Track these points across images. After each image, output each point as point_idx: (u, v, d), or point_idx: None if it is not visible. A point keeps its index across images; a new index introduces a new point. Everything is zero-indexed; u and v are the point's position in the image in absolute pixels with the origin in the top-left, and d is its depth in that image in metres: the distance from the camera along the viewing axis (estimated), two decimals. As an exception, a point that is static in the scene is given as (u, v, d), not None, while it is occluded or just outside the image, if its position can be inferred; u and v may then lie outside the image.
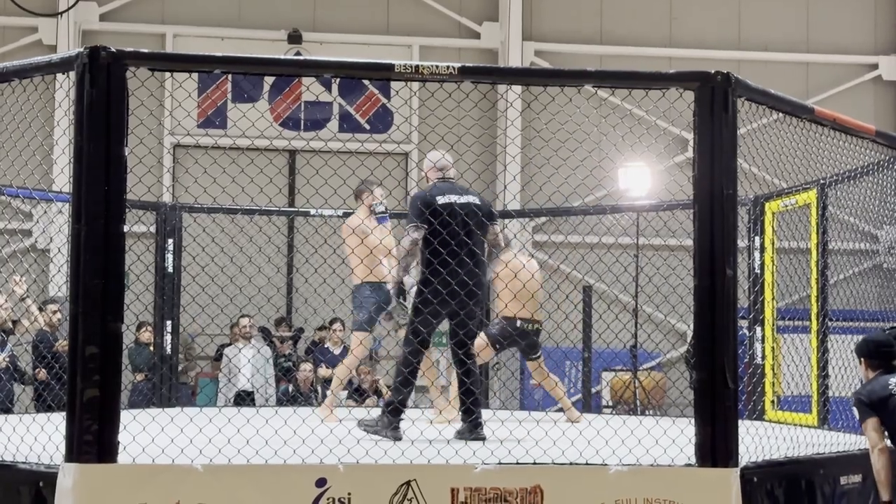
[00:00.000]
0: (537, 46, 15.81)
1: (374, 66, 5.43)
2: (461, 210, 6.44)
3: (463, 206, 6.48)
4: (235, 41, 15.14)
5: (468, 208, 6.47)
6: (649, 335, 13.51)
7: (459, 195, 6.57)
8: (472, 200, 6.56)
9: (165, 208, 9.47)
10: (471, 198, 6.58)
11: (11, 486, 4.70)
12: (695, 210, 4.95)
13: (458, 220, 6.37)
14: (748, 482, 4.89)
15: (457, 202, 6.50)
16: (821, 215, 7.64)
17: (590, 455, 4.94)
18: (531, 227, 15.36)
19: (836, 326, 7.65)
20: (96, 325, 4.54)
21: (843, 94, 15.97)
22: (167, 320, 9.38)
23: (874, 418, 5.50)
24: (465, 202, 6.52)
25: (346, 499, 4.55)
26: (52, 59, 4.96)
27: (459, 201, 6.52)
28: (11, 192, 8.19)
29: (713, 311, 4.87)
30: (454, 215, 6.39)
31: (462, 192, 6.62)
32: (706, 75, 4.97)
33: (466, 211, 6.45)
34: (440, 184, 6.65)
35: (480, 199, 6.64)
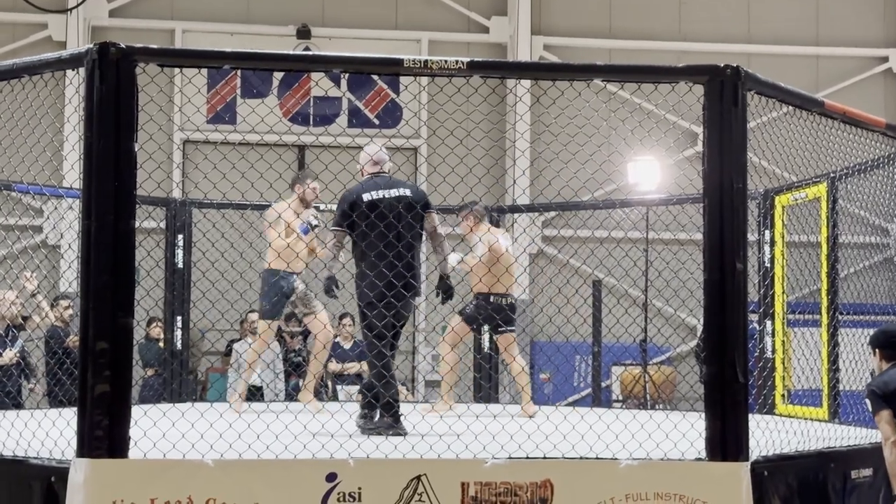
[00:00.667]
0: (546, 41, 15.80)
1: (382, 61, 5.42)
2: (393, 203, 6.46)
3: (394, 200, 6.49)
4: (244, 37, 15.16)
5: (400, 201, 6.48)
6: (659, 329, 13.49)
7: (390, 189, 6.56)
8: (405, 193, 6.56)
9: (175, 204, 9.49)
10: (403, 190, 6.58)
11: (23, 480, 4.72)
12: (704, 204, 4.94)
13: (389, 214, 6.37)
14: (759, 476, 4.88)
15: (387, 196, 6.51)
16: (831, 209, 7.63)
17: (600, 449, 4.93)
18: (540, 221, 15.35)
19: (847, 320, 7.64)
20: (107, 321, 4.55)
21: (853, 88, 15.94)
22: (177, 316, 9.40)
23: (887, 410, 5.49)
24: (396, 195, 6.53)
25: (356, 493, 4.55)
26: (61, 56, 4.97)
27: (389, 195, 6.52)
28: (22, 188, 8.21)
29: (723, 306, 4.86)
30: (384, 210, 6.41)
31: (395, 185, 6.62)
32: (716, 69, 4.95)
33: (398, 204, 6.46)
34: (372, 179, 6.66)
35: (415, 190, 6.65)
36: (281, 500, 4.52)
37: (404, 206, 6.48)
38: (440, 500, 4.58)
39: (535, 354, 13.69)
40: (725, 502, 4.71)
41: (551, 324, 10.33)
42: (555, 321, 9.75)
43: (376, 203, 6.48)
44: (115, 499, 4.43)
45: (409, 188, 6.65)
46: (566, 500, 4.64)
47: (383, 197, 6.50)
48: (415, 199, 6.56)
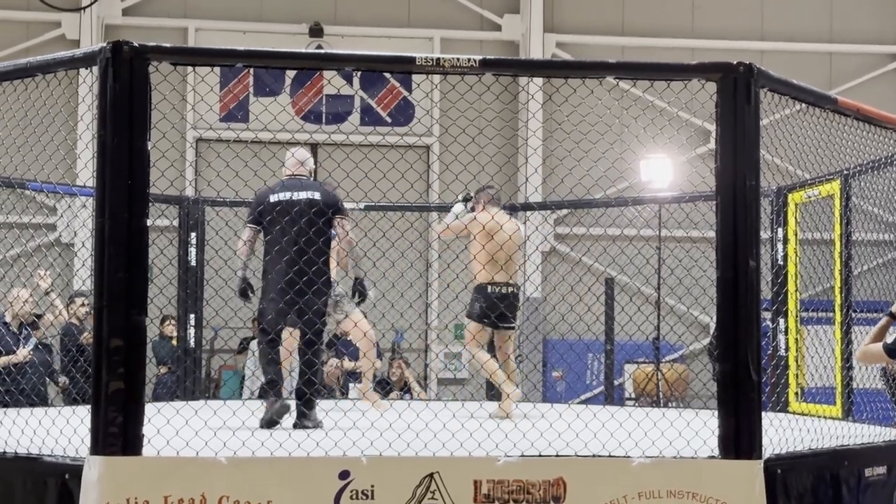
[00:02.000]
0: (559, 38, 15.78)
1: (395, 59, 5.43)
2: (296, 205, 6.53)
3: (299, 202, 6.56)
4: (257, 35, 15.18)
5: (305, 203, 6.54)
6: (672, 327, 13.48)
7: (298, 191, 6.64)
8: (312, 196, 6.62)
9: (188, 202, 9.51)
10: (312, 194, 6.64)
11: (38, 478, 4.74)
12: (717, 201, 4.93)
13: (292, 216, 6.45)
14: (772, 474, 4.87)
15: (293, 198, 6.60)
16: (844, 206, 7.60)
17: (613, 447, 4.93)
18: (553, 219, 15.34)
19: (860, 318, 7.61)
20: (120, 319, 4.56)
21: (866, 84, 15.89)
22: (190, 314, 9.42)
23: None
24: (302, 198, 6.60)
25: (369, 491, 4.56)
26: (75, 54, 4.99)
27: (296, 197, 6.60)
28: (36, 186, 8.23)
29: (736, 303, 4.85)
30: (286, 211, 6.51)
31: (305, 188, 6.68)
32: (729, 66, 4.94)
33: (302, 206, 6.52)
34: (285, 181, 6.77)
35: (326, 194, 6.66)
36: (294, 498, 4.53)
37: (308, 209, 6.54)
38: (453, 498, 4.59)
39: (547, 352, 13.69)
40: (739, 500, 4.70)
41: (564, 322, 10.35)
42: (567, 319, 9.76)
43: (279, 204, 6.61)
44: (128, 496, 4.45)
45: (320, 192, 6.69)
46: (579, 498, 4.64)
47: (290, 198, 6.61)
48: (323, 203, 6.60)
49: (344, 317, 8.34)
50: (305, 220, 6.49)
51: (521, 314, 8.39)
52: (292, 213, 6.52)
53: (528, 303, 13.46)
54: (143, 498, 4.45)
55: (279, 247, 6.52)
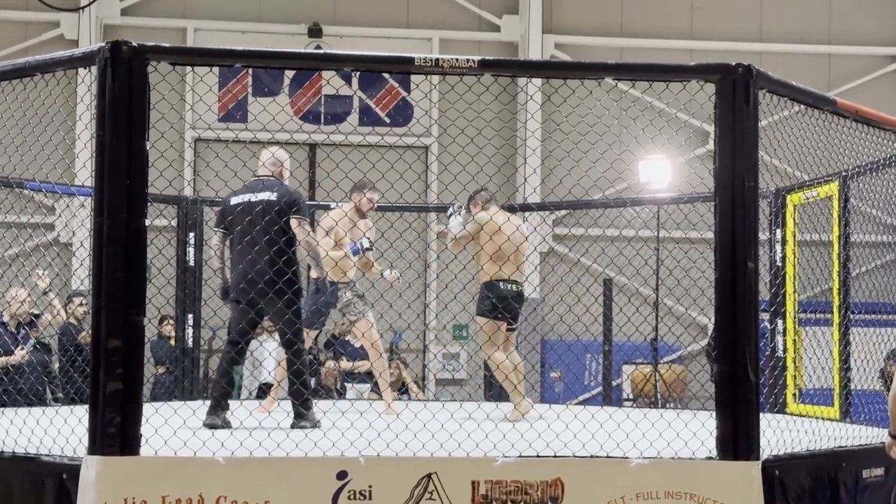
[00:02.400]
0: (557, 39, 15.79)
1: (393, 59, 5.43)
2: (255, 206, 6.55)
3: (258, 203, 6.57)
4: (256, 35, 15.19)
5: (262, 204, 6.55)
6: (670, 328, 13.49)
7: (257, 192, 6.66)
8: (268, 197, 6.61)
9: (187, 202, 9.50)
10: (269, 194, 6.63)
11: (36, 478, 4.74)
12: (716, 203, 4.93)
13: (247, 217, 6.49)
14: (770, 475, 4.88)
15: (252, 199, 6.62)
16: (843, 207, 7.61)
17: (610, 448, 4.93)
18: (551, 220, 15.35)
19: (859, 319, 7.62)
20: (119, 319, 4.56)
21: (865, 86, 15.90)
22: (189, 314, 9.42)
23: None
24: (258, 199, 6.61)
25: (366, 491, 4.56)
26: (73, 54, 4.98)
27: (254, 199, 6.62)
28: (34, 186, 8.23)
29: (734, 304, 4.86)
30: (244, 213, 6.55)
31: (264, 188, 6.68)
32: (727, 67, 4.95)
33: (260, 207, 6.54)
34: (248, 183, 6.80)
35: (282, 194, 6.63)
36: (291, 498, 4.53)
37: (263, 209, 6.55)
38: (451, 499, 4.59)
39: (545, 353, 13.69)
40: (736, 501, 4.70)
41: (562, 322, 10.35)
42: (565, 319, 9.76)
43: (239, 206, 6.66)
44: (126, 496, 4.45)
45: (277, 192, 6.66)
46: (577, 499, 4.64)
47: (249, 200, 6.64)
48: (280, 203, 6.59)
49: (357, 318, 8.31)
50: (263, 220, 6.50)
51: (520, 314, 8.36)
52: (251, 215, 6.53)
53: (527, 303, 13.46)
54: (141, 498, 4.45)
55: (239, 248, 6.58)
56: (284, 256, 6.37)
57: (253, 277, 6.43)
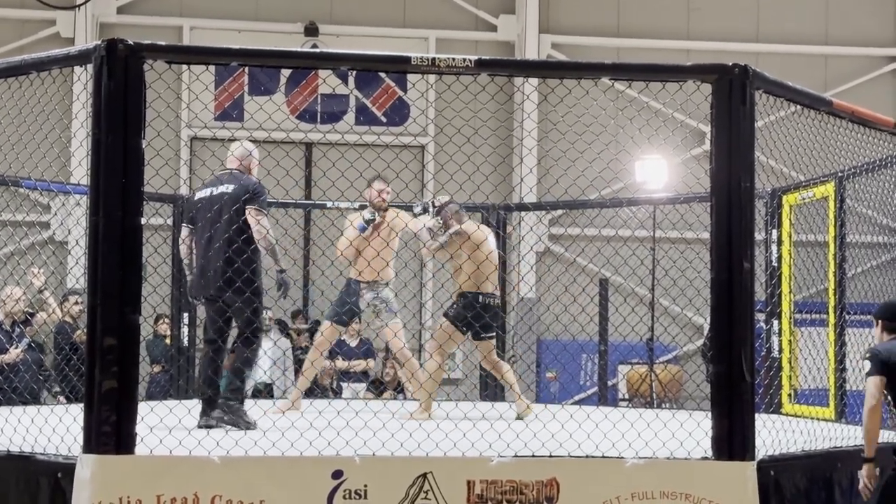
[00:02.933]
0: (554, 39, 15.78)
1: (390, 58, 5.43)
2: (214, 200, 6.55)
3: (216, 197, 6.57)
4: (252, 34, 15.17)
5: (219, 197, 6.55)
6: (666, 328, 13.48)
7: (217, 186, 6.66)
8: (226, 190, 6.59)
9: (182, 201, 9.48)
10: (227, 187, 6.61)
11: (31, 476, 4.73)
12: (712, 203, 4.94)
13: (208, 210, 6.50)
14: (765, 476, 4.88)
15: (212, 193, 6.63)
16: (839, 208, 7.61)
17: (606, 448, 4.93)
18: (547, 220, 15.35)
19: (854, 320, 7.63)
20: (114, 317, 4.56)
21: (861, 87, 15.90)
22: (184, 312, 9.41)
23: (882, 377, 5.50)
24: (217, 193, 6.61)
25: (362, 491, 4.56)
26: (69, 52, 4.98)
27: (215, 192, 6.62)
28: (30, 184, 8.22)
29: (730, 305, 4.86)
30: (205, 207, 6.56)
31: (224, 182, 6.68)
32: (724, 68, 4.95)
33: (217, 200, 6.54)
34: (211, 178, 6.82)
35: (239, 187, 6.58)
36: (287, 498, 4.53)
37: (221, 203, 6.52)
38: (446, 498, 4.59)
39: (541, 352, 13.69)
40: (731, 501, 4.71)
41: (558, 322, 10.34)
42: (561, 320, 9.74)
43: (200, 201, 6.67)
44: (121, 495, 4.44)
45: (235, 184, 6.62)
46: (572, 499, 4.64)
47: (210, 194, 6.63)
48: (236, 196, 6.54)
49: (382, 326, 8.32)
50: (221, 214, 6.48)
51: (512, 317, 8.39)
52: (211, 209, 6.52)
53: (522, 303, 13.47)
54: (136, 497, 4.45)
55: (196, 241, 6.60)
56: (240, 251, 6.29)
57: (212, 274, 6.42)
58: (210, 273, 6.44)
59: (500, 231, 9.68)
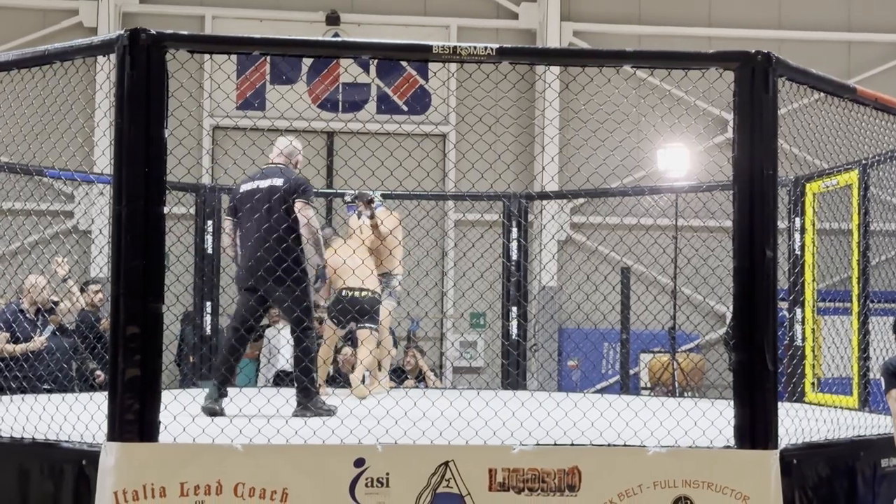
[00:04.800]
0: (576, 27, 15.73)
1: (412, 47, 5.42)
2: (259, 193, 6.64)
3: (262, 190, 6.65)
4: (273, 23, 15.18)
5: (267, 191, 6.63)
6: (688, 317, 13.45)
7: (263, 179, 6.75)
8: (274, 183, 6.67)
9: (205, 190, 9.52)
10: (274, 181, 6.69)
11: (55, 464, 4.76)
12: (734, 191, 4.92)
13: (255, 204, 6.58)
14: (788, 464, 4.87)
15: (258, 186, 6.71)
16: (862, 196, 7.57)
17: (628, 436, 4.93)
18: (569, 208, 15.32)
19: (878, 308, 7.59)
20: (137, 306, 4.58)
21: (885, 74, 15.79)
22: (207, 301, 9.45)
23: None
24: (265, 185, 6.69)
25: (384, 479, 4.57)
26: (92, 42, 5.00)
27: (262, 185, 6.70)
28: (54, 173, 8.25)
29: (753, 293, 4.84)
30: (250, 199, 6.65)
31: (269, 175, 6.76)
32: (746, 55, 4.92)
33: (264, 193, 6.62)
34: (257, 171, 6.89)
35: (287, 181, 6.68)
36: (309, 486, 4.55)
37: (267, 195, 6.61)
38: (468, 486, 4.60)
39: (563, 341, 13.68)
40: (754, 490, 4.70)
41: (579, 311, 10.33)
42: (583, 308, 9.74)
43: (246, 193, 6.75)
44: (144, 482, 4.47)
45: (282, 178, 6.72)
46: (594, 487, 4.64)
47: (256, 187, 6.71)
48: (283, 189, 6.64)
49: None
50: (265, 207, 6.54)
51: (534, 305, 8.47)
52: (256, 201, 6.60)
53: (544, 291, 13.46)
54: (160, 484, 4.48)
55: (242, 234, 6.66)
56: (284, 243, 6.39)
57: (253, 264, 6.49)
58: (252, 264, 6.53)
59: (523, 220, 9.68)
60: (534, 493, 4.63)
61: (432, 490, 4.59)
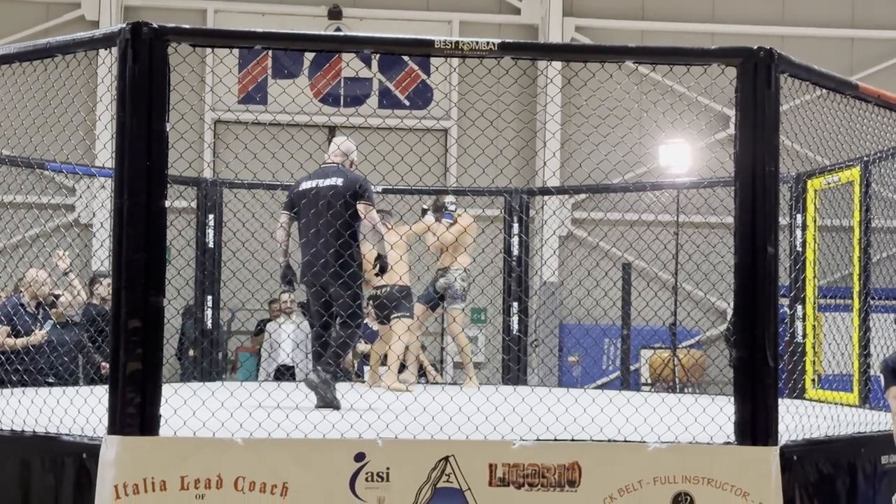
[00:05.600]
0: (578, 22, 15.72)
1: (414, 42, 5.42)
2: (318, 192, 6.79)
3: (321, 189, 6.80)
4: (275, 17, 15.17)
5: (325, 190, 6.78)
6: (689, 313, 13.45)
7: (324, 178, 6.88)
8: (334, 183, 6.82)
9: (206, 184, 9.52)
10: (335, 180, 6.84)
11: (56, 457, 4.77)
12: (736, 187, 4.91)
13: (315, 202, 6.74)
14: (788, 461, 4.87)
15: (319, 185, 6.85)
16: (864, 192, 7.57)
17: (628, 432, 4.93)
18: (570, 204, 15.32)
19: (879, 305, 7.59)
20: (138, 300, 4.58)
21: (888, 70, 15.77)
22: (208, 295, 9.45)
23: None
24: (326, 185, 6.83)
25: (384, 473, 4.57)
26: (94, 35, 4.99)
27: (322, 184, 6.84)
28: (55, 167, 8.25)
29: (754, 289, 4.84)
30: (309, 197, 6.80)
31: (329, 175, 6.91)
32: (749, 51, 4.92)
33: (324, 193, 6.77)
34: (317, 170, 7.05)
35: (347, 180, 6.84)
36: (309, 480, 4.55)
37: (329, 194, 6.76)
38: (468, 481, 4.60)
39: (563, 337, 13.69)
40: (754, 486, 4.70)
41: (580, 306, 10.33)
42: (584, 304, 9.74)
43: (305, 191, 6.88)
44: (145, 476, 4.47)
45: (343, 178, 6.87)
46: (594, 483, 4.65)
47: (316, 185, 6.86)
48: (344, 189, 6.78)
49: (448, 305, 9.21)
50: (326, 204, 6.70)
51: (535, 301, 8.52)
52: (320, 199, 6.75)
53: (545, 287, 13.46)
54: (160, 478, 4.48)
55: (308, 232, 6.79)
56: (348, 244, 6.66)
57: (320, 260, 6.65)
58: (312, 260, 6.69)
59: (524, 215, 9.68)
60: (534, 489, 4.63)
61: (432, 485, 4.60)
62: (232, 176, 10.67)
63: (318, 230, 6.69)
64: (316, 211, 6.72)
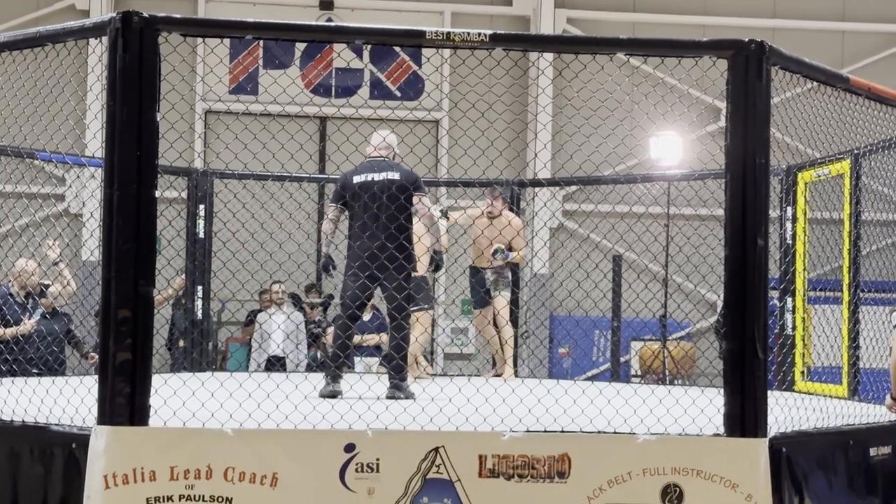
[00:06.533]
0: (569, 14, 15.71)
1: (405, 32, 5.41)
2: (375, 186, 6.89)
3: (378, 182, 6.91)
4: (267, 7, 15.13)
5: (383, 184, 6.89)
6: (679, 305, 13.48)
7: (378, 172, 6.99)
8: (389, 176, 6.95)
9: (197, 174, 9.51)
10: (389, 174, 6.97)
11: (45, 447, 4.76)
12: (726, 179, 4.92)
13: (371, 195, 6.84)
14: (777, 453, 4.88)
15: (374, 178, 6.95)
16: (854, 185, 7.58)
17: (618, 424, 4.94)
18: (561, 196, 15.32)
19: (868, 297, 7.61)
20: (128, 290, 4.57)
21: (879, 63, 15.80)
22: (198, 285, 9.44)
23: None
24: (381, 178, 6.94)
25: (374, 464, 4.58)
26: (84, 24, 4.97)
27: (377, 178, 6.95)
28: (45, 156, 8.22)
29: (744, 281, 4.85)
30: (367, 190, 6.89)
31: (384, 168, 7.02)
32: (740, 43, 4.92)
33: (380, 186, 6.88)
34: (367, 162, 7.12)
35: (404, 174, 7.00)
36: (299, 470, 4.55)
37: (388, 188, 6.87)
38: (458, 472, 4.60)
39: (553, 328, 13.70)
40: (743, 478, 4.71)
41: (571, 298, 10.34)
42: (574, 295, 9.75)
43: (361, 184, 6.95)
44: (134, 466, 4.47)
45: (399, 172, 7.01)
46: (583, 474, 4.65)
47: (371, 179, 6.94)
48: (403, 183, 6.91)
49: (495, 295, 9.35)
50: (386, 197, 6.81)
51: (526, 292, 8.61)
52: (374, 192, 6.85)
53: (535, 279, 13.47)
54: (150, 468, 4.48)
55: (361, 223, 6.87)
56: (405, 233, 6.77)
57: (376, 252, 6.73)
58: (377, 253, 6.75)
59: (515, 207, 9.70)
60: (523, 480, 4.64)
61: (422, 476, 4.60)
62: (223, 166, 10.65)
63: (374, 221, 6.81)
64: (381, 204, 6.80)
